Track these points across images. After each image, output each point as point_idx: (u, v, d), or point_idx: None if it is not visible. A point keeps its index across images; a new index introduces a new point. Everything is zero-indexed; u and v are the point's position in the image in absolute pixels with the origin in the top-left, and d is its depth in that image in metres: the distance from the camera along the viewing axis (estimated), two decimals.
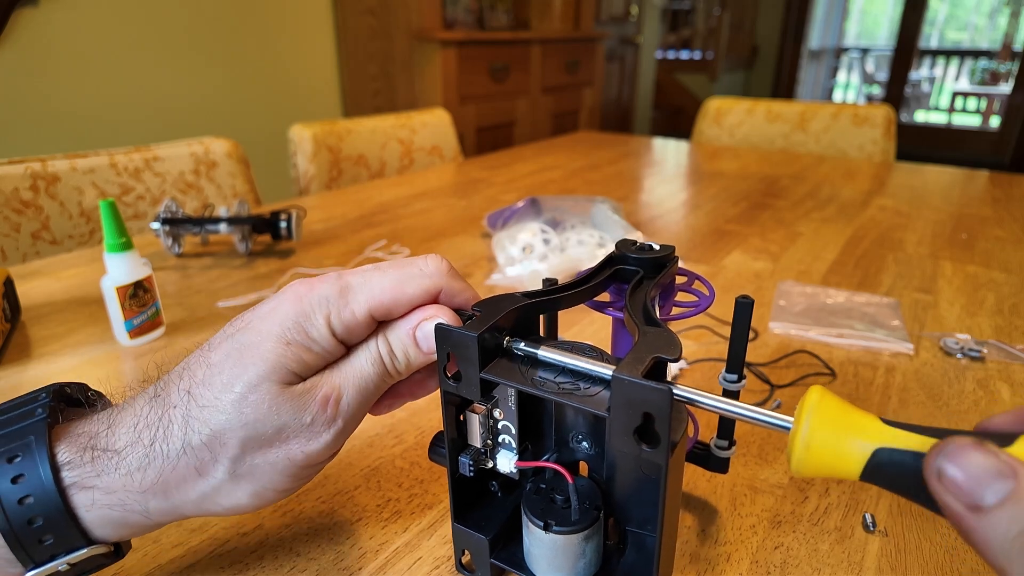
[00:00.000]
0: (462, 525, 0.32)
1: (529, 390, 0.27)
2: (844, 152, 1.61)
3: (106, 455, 0.28)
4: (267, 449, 0.28)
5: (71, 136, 1.82)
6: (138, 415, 0.28)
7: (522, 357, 0.29)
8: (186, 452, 0.28)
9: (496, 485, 0.34)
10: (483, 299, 0.31)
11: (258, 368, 0.28)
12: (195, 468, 0.28)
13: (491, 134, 2.65)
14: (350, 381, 0.30)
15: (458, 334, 0.28)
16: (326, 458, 0.30)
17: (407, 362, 0.31)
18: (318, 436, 0.29)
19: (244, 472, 0.28)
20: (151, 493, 0.28)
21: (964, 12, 6.85)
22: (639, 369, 0.24)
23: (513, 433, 0.31)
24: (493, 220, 0.89)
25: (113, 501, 0.27)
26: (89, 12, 1.80)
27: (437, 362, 0.29)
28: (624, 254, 0.34)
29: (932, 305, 0.69)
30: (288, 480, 0.29)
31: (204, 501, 0.29)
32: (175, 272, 0.78)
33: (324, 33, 2.45)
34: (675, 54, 5.60)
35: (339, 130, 1.36)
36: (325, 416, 0.29)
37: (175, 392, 0.28)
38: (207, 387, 0.28)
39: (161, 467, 0.27)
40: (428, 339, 0.30)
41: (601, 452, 0.32)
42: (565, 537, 0.29)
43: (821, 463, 0.22)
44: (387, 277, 0.30)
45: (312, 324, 0.29)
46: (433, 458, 0.32)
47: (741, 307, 0.29)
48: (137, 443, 0.28)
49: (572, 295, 0.32)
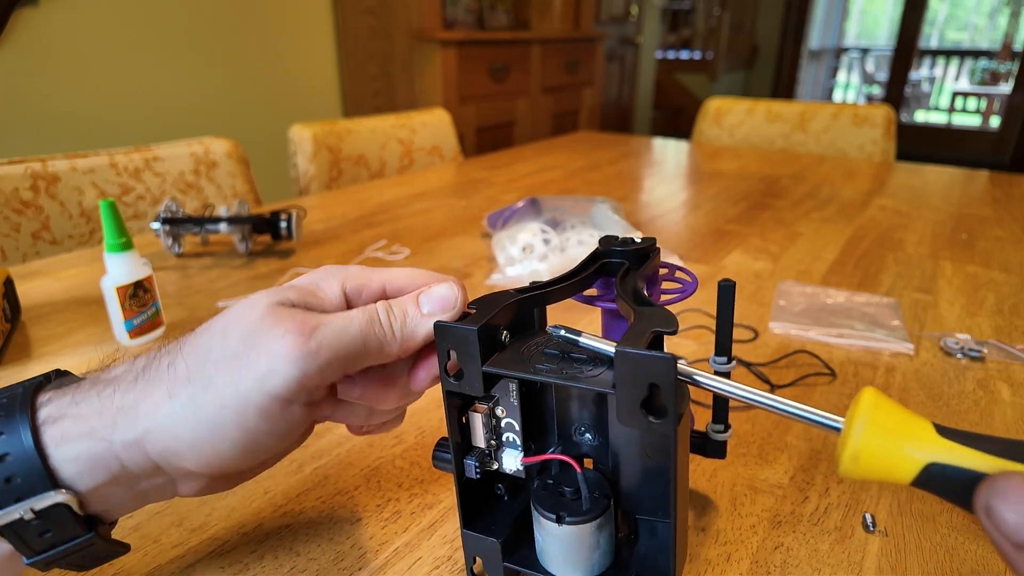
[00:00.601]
0: (471, 531, 0.32)
1: (533, 378, 0.28)
2: (844, 152, 1.61)
3: (92, 383, 0.28)
4: (237, 366, 0.27)
5: (71, 136, 1.82)
6: (147, 355, 0.30)
7: (520, 350, 0.30)
8: (168, 372, 0.28)
9: (502, 488, 0.34)
10: (477, 298, 0.31)
11: (258, 306, 0.29)
12: (168, 390, 0.28)
13: (491, 134, 2.65)
14: (337, 319, 0.29)
15: (458, 329, 0.28)
16: (293, 387, 0.27)
17: (403, 318, 0.30)
18: (288, 349, 0.27)
19: (210, 394, 0.27)
20: (122, 414, 0.27)
21: (964, 12, 6.85)
22: (641, 343, 0.25)
23: (517, 430, 0.31)
24: (493, 220, 0.89)
25: (82, 429, 0.27)
26: (89, 12, 1.80)
27: (439, 361, 0.29)
28: (609, 248, 0.35)
29: (932, 305, 0.69)
30: (251, 412, 0.27)
31: (166, 429, 0.27)
32: (175, 272, 0.78)
33: (324, 33, 2.45)
34: (675, 54, 5.60)
35: (339, 130, 1.36)
36: (299, 331, 0.28)
37: (179, 340, 0.30)
38: (205, 330, 0.29)
39: (143, 388, 0.28)
40: (432, 300, 0.31)
41: (605, 443, 0.32)
42: (578, 528, 0.29)
43: (871, 469, 0.22)
44: (411, 273, 0.33)
45: (324, 279, 0.31)
46: (438, 465, 0.32)
47: (724, 290, 0.30)
48: (130, 370, 0.29)
49: (562, 288, 0.33)
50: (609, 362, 0.28)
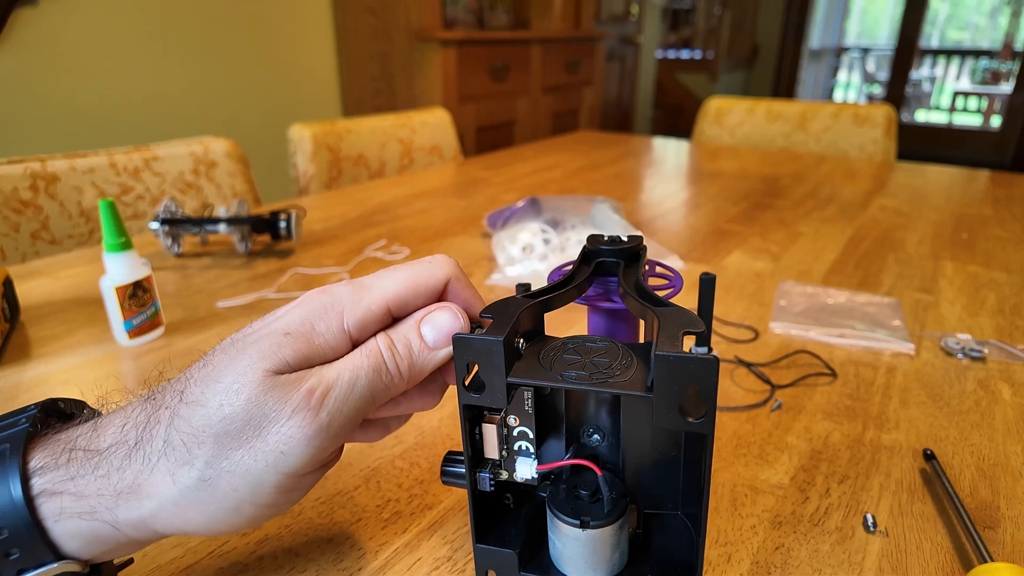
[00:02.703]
0: (485, 544, 0.32)
1: (564, 386, 0.27)
2: (845, 152, 1.61)
3: (85, 455, 0.26)
4: (244, 447, 0.26)
5: (70, 136, 1.82)
6: (127, 417, 0.27)
7: (539, 356, 0.29)
8: (165, 452, 0.26)
9: (511, 498, 0.34)
10: (490, 304, 0.30)
11: (250, 357, 0.26)
12: (169, 471, 0.26)
13: (491, 134, 2.65)
14: (342, 375, 0.27)
15: (482, 341, 0.26)
16: (308, 464, 0.27)
17: (409, 357, 0.28)
18: (299, 431, 0.26)
19: (220, 479, 0.26)
20: (123, 497, 0.26)
21: (965, 11, 6.84)
22: (677, 345, 0.25)
23: (531, 438, 0.31)
24: (493, 220, 0.89)
25: (83, 508, 0.26)
26: (89, 12, 1.80)
27: (456, 375, 0.28)
28: (600, 248, 0.35)
29: (933, 305, 0.68)
30: (267, 491, 0.26)
31: (175, 512, 0.26)
32: (174, 272, 0.78)
33: (324, 33, 2.45)
34: (675, 53, 5.59)
35: (339, 130, 1.36)
36: (308, 407, 0.26)
37: (169, 393, 0.27)
38: (198, 383, 0.27)
39: (140, 468, 0.26)
40: (436, 331, 0.28)
41: (615, 441, 0.32)
42: (602, 531, 0.29)
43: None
44: (400, 271, 0.30)
45: (322, 319, 0.28)
46: (449, 481, 0.32)
47: (705, 283, 0.30)
48: (122, 443, 0.27)
49: (566, 292, 0.32)
50: (632, 359, 0.28)
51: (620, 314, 0.34)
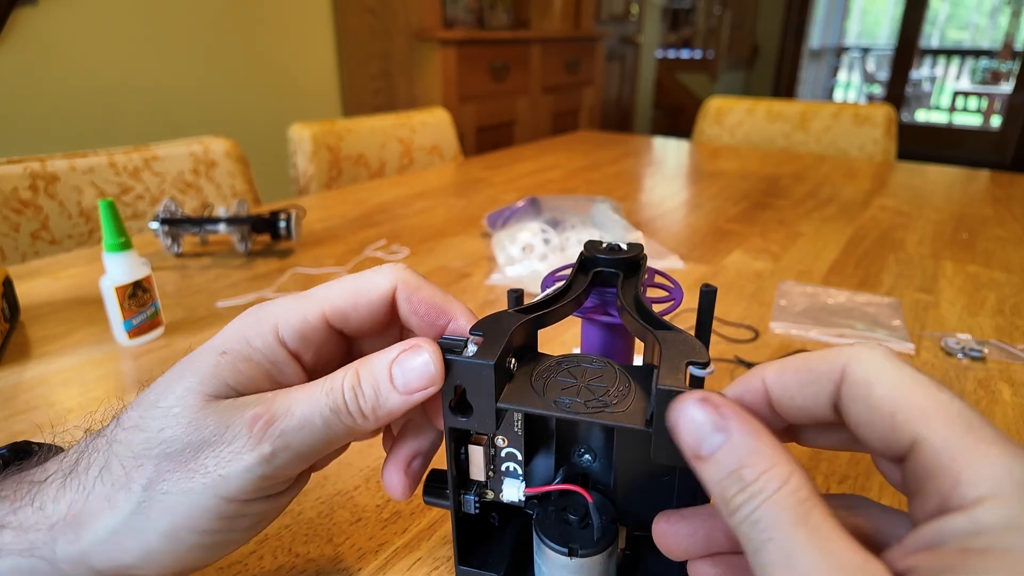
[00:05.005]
0: (468, 567, 0.31)
1: (557, 415, 0.25)
2: (845, 152, 1.61)
3: (29, 487, 0.26)
4: (183, 468, 0.25)
5: (70, 136, 1.82)
6: (75, 448, 0.27)
7: (532, 379, 0.27)
8: (101, 478, 0.25)
9: (496, 517, 0.33)
10: (479, 320, 0.28)
11: (187, 380, 0.25)
12: (106, 496, 0.25)
13: (491, 134, 2.65)
14: (293, 410, 0.25)
15: (470, 365, 0.25)
16: (250, 491, 0.25)
17: (375, 401, 0.26)
18: (238, 457, 0.24)
19: (156, 502, 0.25)
20: (60, 529, 0.25)
21: (965, 11, 6.85)
22: (680, 379, 0.23)
23: (519, 459, 0.30)
24: (493, 220, 0.89)
25: (23, 544, 0.25)
26: (89, 11, 1.79)
27: (442, 397, 0.26)
28: (598, 256, 0.33)
29: (933, 305, 0.68)
30: (206, 516, 0.25)
31: (113, 542, 0.25)
32: (174, 272, 0.78)
33: (324, 33, 2.45)
34: (676, 53, 5.60)
35: (339, 129, 1.36)
36: (250, 434, 0.25)
37: (112, 421, 0.26)
38: (135, 408, 0.26)
39: (74, 496, 0.25)
40: (408, 376, 0.25)
41: (608, 463, 0.30)
42: (591, 560, 0.28)
43: None
44: (343, 281, 0.28)
45: (256, 332, 0.26)
46: (431, 502, 0.30)
47: (705, 295, 0.29)
48: (58, 472, 0.26)
49: (562, 307, 0.30)
50: (629, 385, 0.26)
51: (617, 329, 0.33)
